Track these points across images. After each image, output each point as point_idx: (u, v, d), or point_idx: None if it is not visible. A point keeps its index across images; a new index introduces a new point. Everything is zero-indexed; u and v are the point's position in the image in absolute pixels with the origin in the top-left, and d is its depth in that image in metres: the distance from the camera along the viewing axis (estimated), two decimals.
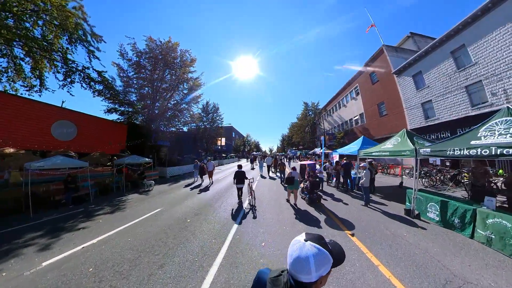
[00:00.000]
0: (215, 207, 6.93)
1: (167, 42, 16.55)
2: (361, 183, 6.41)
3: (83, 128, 13.46)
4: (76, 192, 8.63)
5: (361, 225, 4.88)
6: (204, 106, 29.20)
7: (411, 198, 5.60)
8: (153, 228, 5.18)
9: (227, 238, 4.35)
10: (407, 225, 4.84)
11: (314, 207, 6.60)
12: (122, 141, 16.77)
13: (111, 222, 5.78)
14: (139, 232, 4.97)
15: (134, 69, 15.68)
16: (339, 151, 11.45)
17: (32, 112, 10.49)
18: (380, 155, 7.08)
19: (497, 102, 11.06)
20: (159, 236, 4.65)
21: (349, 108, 27.59)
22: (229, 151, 48.43)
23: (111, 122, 15.93)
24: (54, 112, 11.87)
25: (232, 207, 6.96)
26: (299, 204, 6.81)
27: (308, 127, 40.02)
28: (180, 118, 18.81)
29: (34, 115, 10.60)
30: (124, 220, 5.95)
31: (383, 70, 19.51)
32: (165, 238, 4.49)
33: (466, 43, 12.36)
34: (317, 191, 7.29)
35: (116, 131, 16.32)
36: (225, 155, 32.39)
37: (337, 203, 7.06)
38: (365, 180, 6.27)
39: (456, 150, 4.10)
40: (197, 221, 5.55)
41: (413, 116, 16.34)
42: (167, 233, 4.76)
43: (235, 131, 66.26)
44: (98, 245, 4.34)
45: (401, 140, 6.76)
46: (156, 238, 4.54)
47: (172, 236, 4.59)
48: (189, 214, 6.16)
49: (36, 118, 10.67)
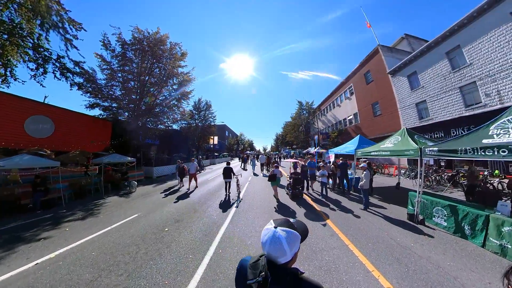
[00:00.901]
0: (199, 212, 6.28)
1: (155, 33, 15.53)
2: (361, 185, 5.96)
3: (61, 124, 12.35)
4: (45, 195, 7.70)
5: (362, 233, 4.38)
6: (196, 103, 28.10)
7: (414, 201, 5.19)
8: (124, 238, 4.46)
9: (207, 253, 3.69)
10: (412, 232, 4.40)
11: (297, 202, 7.30)
12: (106, 139, 15.67)
13: (79, 231, 5.02)
14: (107, 243, 4.25)
15: (119, 61, 14.57)
16: (335, 150, 11.01)
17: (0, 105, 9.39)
18: (379, 155, 6.68)
19: (491, 103, 11.04)
20: (129, 249, 3.95)
21: (343, 107, 27.52)
22: (222, 150, 47.50)
23: (94, 119, 14.80)
24: (28, 106, 10.76)
25: (218, 210, 6.40)
26: (288, 199, 7.62)
27: (302, 127, 39.84)
28: (170, 115, 17.79)
29: (3, 109, 9.49)
30: (94, 228, 5.19)
31: (378, 70, 19.41)
32: (134, 252, 3.79)
33: (461, 44, 12.31)
34: (299, 187, 7.81)
35: (99, 128, 15.21)
36: (217, 154, 31.41)
37: (333, 206, 6.56)
38: (365, 182, 5.83)
39: (469, 150, 3.68)
40: (176, 230, 4.87)
41: (407, 116, 16.29)
42: (139, 246, 4.06)
43: (229, 129, 65.33)
44: (55, 261, 3.61)
45: (402, 139, 6.37)
46: (125, 251, 3.85)
47: (143, 249, 3.91)
48: (169, 221, 5.47)
49: (6, 112, 9.57)
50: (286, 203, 7.08)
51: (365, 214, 5.67)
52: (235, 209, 6.46)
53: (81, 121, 13.78)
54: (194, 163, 10.49)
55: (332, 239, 4.12)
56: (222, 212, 6.20)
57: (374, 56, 20.02)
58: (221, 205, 7.01)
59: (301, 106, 39.18)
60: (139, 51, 15.09)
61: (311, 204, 7.02)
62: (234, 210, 6.35)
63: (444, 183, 9.47)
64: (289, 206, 6.78)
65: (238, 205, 6.85)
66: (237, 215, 5.90)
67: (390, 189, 9.47)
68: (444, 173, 9.39)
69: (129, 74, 15.25)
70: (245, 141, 79.52)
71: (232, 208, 6.56)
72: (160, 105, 17.00)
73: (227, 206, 6.92)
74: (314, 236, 4.28)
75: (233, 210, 6.35)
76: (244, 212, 6.12)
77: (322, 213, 5.88)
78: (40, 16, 9.73)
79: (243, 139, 74.19)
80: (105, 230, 5.00)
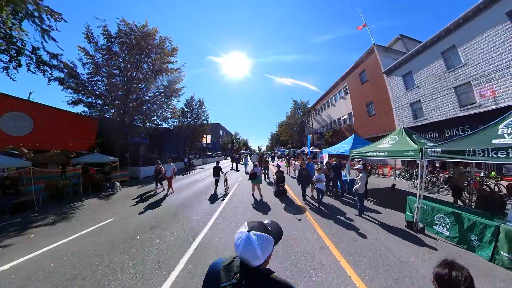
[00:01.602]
0: (178, 217, 5.77)
1: (143, 26, 14.70)
2: (356, 188, 5.56)
3: (41, 121, 11.46)
4: (17, 198, 7.00)
5: (356, 245, 3.92)
6: (188, 100, 27.11)
7: (413, 207, 4.85)
8: (89, 247, 3.94)
9: (176, 268, 3.19)
10: (412, 243, 4.02)
11: (280, 199, 7.68)
12: (91, 138, 14.81)
13: (45, 238, 4.48)
14: (71, 252, 3.74)
15: (104, 55, 13.69)
16: (328, 150, 10.63)
17: None
18: (375, 156, 6.31)
19: (485, 103, 10.95)
20: (92, 260, 3.45)
21: (338, 107, 27.38)
22: (216, 149, 46.70)
23: (78, 116, 13.93)
24: (4, 102, 9.90)
25: (199, 215, 5.93)
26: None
27: (297, 126, 39.60)
28: (159, 112, 16.94)
29: None
30: (62, 234, 4.65)
31: (373, 69, 19.25)
32: (97, 265, 3.30)
33: (456, 43, 12.19)
34: (282, 185, 8.14)
35: (84, 126, 14.30)
36: (210, 154, 30.60)
37: (326, 211, 6.12)
38: (360, 185, 5.44)
39: (478, 152, 3.31)
40: (149, 238, 4.35)
41: (402, 116, 16.18)
42: (103, 258, 3.52)
43: (223, 128, 64.52)
44: (7, 274, 3.17)
45: (400, 139, 6.03)
46: (87, 263, 3.35)
47: (107, 261, 3.40)
48: (143, 228, 4.92)
49: None
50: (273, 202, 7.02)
51: (360, 221, 5.26)
52: (218, 214, 5.99)
53: (64, 119, 12.88)
54: (170, 165, 9.05)
55: (322, 254, 3.65)
56: (203, 217, 5.74)
57: (369, 56, 19.85)
58: (204, 208, 6.58)
59: (296, 105, 38.93)
60: (126, 45, 14.25)
61: (298, 204, 6.93)
62: (216, 215, 5.86)
63: (440, 184, 9.29)
64: (274, 204, 6.87)
65: (222, 211, 6.38)
66: (220, 221, 5.42)
67: (385, 190, 9.19)
68: (440, 175, 9.17)
69: (115, 69, 14.37)
70: (240, 140, 78.71)
71: (215, 213, 6.04)
72: (149, 102, 16.10)
73: (210, 209, 6.46)
74: (301, 250, 3.80)
75: (216, 215, 5.86)
76: (228, 218, 5.63)
77: (312, 219, 5.47)
78: (12, 2, 8.87)
79: (238, 138, 73.39)
80: (74, 237, 4.46)
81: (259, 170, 7.82)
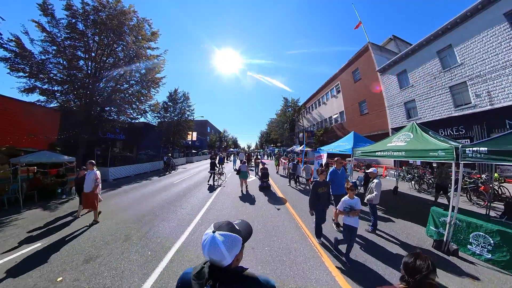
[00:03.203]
0: (133, 239, 4.18)
1: (116, 2, 12.62)
2: (370, 198, 4.56)
3: None
4: None
5: (377, 280, 2.89)
6: (172, 93, 24.69)
7: (439, 221, 4.01)
8: None
9: None
10: (446, 271, 3.07)
11: (264, 192, 8.26)
12: (52, 133, 12.52)
13: None
14: None
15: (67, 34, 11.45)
16: (325, 149, 9.63)
17: None
18: (388, 156, 5.42)
19: (481, 103, 10.77)
20: None
21: (329, 105, 27.01)
22: (203, 147, 44.53)
23: (34, 107, 11.61)
24: None
25: (166, 235, 4.43)
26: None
27: (287, 124, 38.97)
28: (135, 105, 14.82)
29: None
30: None
31: (367, 68, 18.88)
32: None
33: (453, 43, 11.93)
34: (266, 180, 8.79)
35: (42, 119, 12.04)
36: (195, 152, 28.49)
37: (331, 228, 4.78)
38: (376, 195, 4.47)
39: None
40: (75, 280, 2.89)
41: (395, 115, 15.93)
42: None
43: (211, 126, 62.14)
44: None
45: (415, 136, 5.21)
46: None
47: None
48: (75, 261, 3.38)
49: None
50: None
51: (375, 239, 4.25)
52: (188, 235, 4.43)
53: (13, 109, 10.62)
54: (92, 172, 5.09)
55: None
56: (167, 240, 4.14)
57: (363, 54, 19.45)
58: (174, 225, 4.92)
59: (286, 103, 38.22)
60: (95, 23, 12.10)
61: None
62: (184, 238, 4.29)
63: None
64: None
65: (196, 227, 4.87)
66: (190, 244, 4.00)
67: (386, 194, 8.46)
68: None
69: (80, 51, 12.13)
70: (229, 138, 76.71)
71: (182, 235, 4.39)
72: (122, 92, 13.92)
73: (179, 228, 4.79)
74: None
75: (183, 237, 4.26)
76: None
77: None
78: None
79: (226, 136, 71.33)
80: None
81: (244, 166, 8.56)
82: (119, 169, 12.33)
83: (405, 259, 1.20)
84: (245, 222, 0.94)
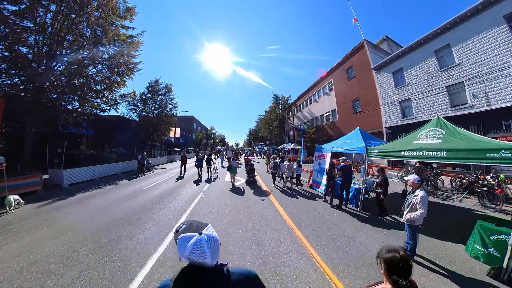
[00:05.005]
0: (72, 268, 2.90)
1: None
2: (411, 218, 3.32)
3: None
4: None
5: None
6: (152, 84, 21.70)
7: (491, 239, 3.28)
8: None
9: None
10: None
11: (250, 186, 9.02)
12: None
13: None
14: None
15: None
16: (328, 147, 8.66)
17: None
18: (418, 157, 4.66)
19: (478, 104, 10.86)
20: None
21: (321, 103, 26.76)
22: (188, 145, 41.96)
23: None
24: None
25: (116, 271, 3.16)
26: None
27: (277, 122, 38.28)
28: (103, 94, 12.19)
29: None
30: None
31: (362, 65, 18.68)
32: None
33: (451, 43, 11.92)
34: (252, 175, 9.52)
35: None
36: (178, 150, 25.96)
37: (345, 246, 3.82)
38: (422, 213, 3.21)
39: None
40: None
41: (390, 114, 15.89)
42: None
43: (197, 122, 59.25)
44: None
45: (450, 132, 4.50)
46: None
47: None
48: None
49: None
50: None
51: (414, 268, 3.34)
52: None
53: None
54: None
55: None
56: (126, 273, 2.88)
57: (358, 51, 19.22)
58: (120, 266, 3.04)
59: (276, 100, 37.42)
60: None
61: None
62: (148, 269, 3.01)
63: (443, 188, 8.54)
64: None
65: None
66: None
67: (393, 198, 7.59)
68: (458, 179, 8.39)
69: (29, 22, 9.44)
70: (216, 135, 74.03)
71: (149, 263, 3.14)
72: (86, 77, 11.29)
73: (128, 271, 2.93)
74: None
75: (148, 268, 3.01)
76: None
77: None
78: None
79: (214, 133, 68.64)
80: None
81: (235, 162, 9.37)
82: (78, 172, 9.80)
83: (386, 256, 1.15)
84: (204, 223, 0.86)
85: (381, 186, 5.89)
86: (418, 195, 3.43)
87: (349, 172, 6.65)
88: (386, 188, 5.78)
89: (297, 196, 7.66)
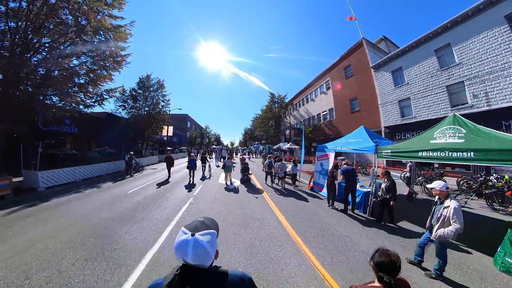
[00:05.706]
0: None
1: None
2: (444, 235, 2.79)
3: None
4: None
5: None
6: (143, 79, 20.46)
7: None
8: None
9: None
10: None
11: (245, 185, 9.18)
12: None
13: None
14: None
15: None
16: (331, 146, 8.07)
17: None
18: (439, 158, 4.22)
19: (478, 104, 10.77)
20: None
21: (318, 102, 26.49)
22: (182, 143, 40.71)
23: None
24: None
25: None
26: None
27: (272, 121, 37.81)
28: (86, 89, 11.10)
29: None
30: None
31: (360, 64, 18.46)
32: None
33: (452, 42, 11.79)
34: (246, 173, 9.70)
35: None
36: (171, 149, 24.84)
37: (357, 263, 3.26)
38: (457, 229, 2.69)
39: None
40: None
41: (388, 113, 15.73)
42: None
43: (192, 120, 57.80)
44: None
45: (471, 131, 4.14)
46: None
47: None
48: None
49: None
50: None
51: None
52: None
53: None
54: None
55: None
56: None
57: (356, 50, 18.99)
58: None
59: (273, 99, 36.91)
60: None
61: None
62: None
63: (461, 191, 8.20)
64: None
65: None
66: None
67: (399, 201, 7.11)
68: (464, 180, 8.13)
69: (3, 7, 8.37)
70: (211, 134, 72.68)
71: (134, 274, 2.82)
72: (67, 70, 10.13)
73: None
74: None
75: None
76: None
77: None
78: None
79: (209, 132, 67.27)
80: None
81: (229, 161, 9.44)
82: (57, 173, 8.83)
83: (377, 259, 1.19)
84: (210, 219, 0.90)
85: (389, 191, 5.44)
86: (450, 207, 2.85)
87: (352, 175, 6.20)
88: (395, 192, 5.36)
89: (290, 196, 7.66)
